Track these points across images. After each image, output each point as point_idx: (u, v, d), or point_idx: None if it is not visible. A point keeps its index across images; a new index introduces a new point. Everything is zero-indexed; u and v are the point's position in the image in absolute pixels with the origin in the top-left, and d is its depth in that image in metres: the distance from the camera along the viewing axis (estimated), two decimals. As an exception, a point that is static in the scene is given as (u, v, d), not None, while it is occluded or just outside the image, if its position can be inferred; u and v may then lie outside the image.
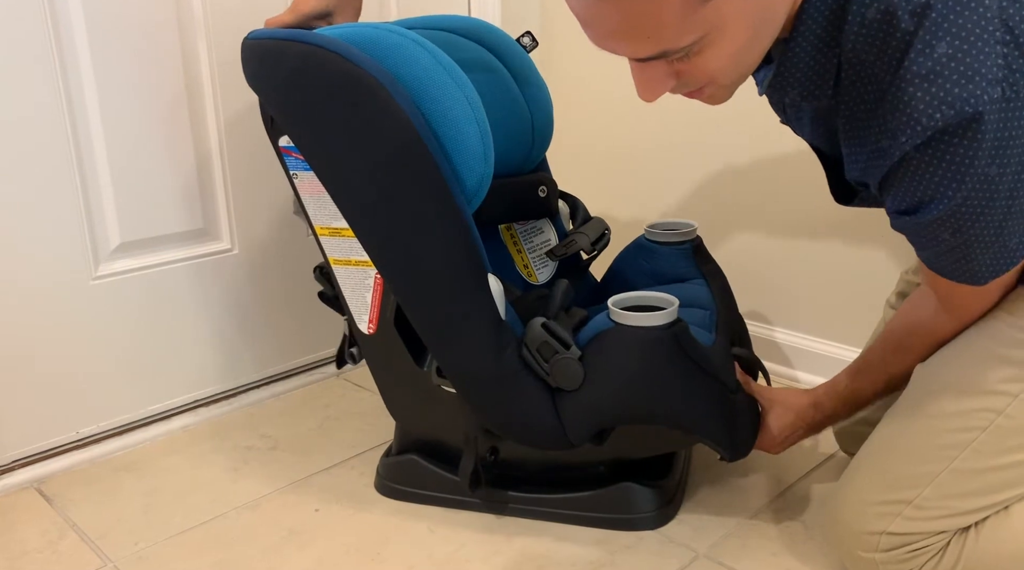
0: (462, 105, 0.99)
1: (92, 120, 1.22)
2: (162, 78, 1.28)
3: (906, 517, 0.89)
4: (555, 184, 1.28)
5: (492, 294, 1.01)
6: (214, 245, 1.40)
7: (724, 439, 1.01)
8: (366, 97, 0.96)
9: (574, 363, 0.98)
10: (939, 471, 0.88)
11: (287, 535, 1.11)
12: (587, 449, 1.05)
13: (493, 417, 1.03)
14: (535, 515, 1.13)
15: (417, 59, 0.99)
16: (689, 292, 1.19)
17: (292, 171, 1.07)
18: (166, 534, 1.11)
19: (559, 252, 1.24)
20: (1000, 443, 0.86)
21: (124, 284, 1.30)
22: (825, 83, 0.79)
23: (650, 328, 0.96)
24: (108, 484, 1.23)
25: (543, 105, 1.24)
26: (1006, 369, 0.86)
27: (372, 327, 1.09)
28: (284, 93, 1.02)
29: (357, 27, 1.03)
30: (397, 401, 1.16)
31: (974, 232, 0.76)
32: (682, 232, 1.24)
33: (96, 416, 1.31)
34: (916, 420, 0.91)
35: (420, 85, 0.98)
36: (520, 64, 1.22)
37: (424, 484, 1.16)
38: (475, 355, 1.01)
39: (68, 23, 1.17)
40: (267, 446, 1.33)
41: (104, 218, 1.26)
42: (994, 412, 0.86)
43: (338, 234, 1.06)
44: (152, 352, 1.35)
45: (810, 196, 1.43)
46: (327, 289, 1.19)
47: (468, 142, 0.99)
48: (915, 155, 0.73)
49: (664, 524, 1.11)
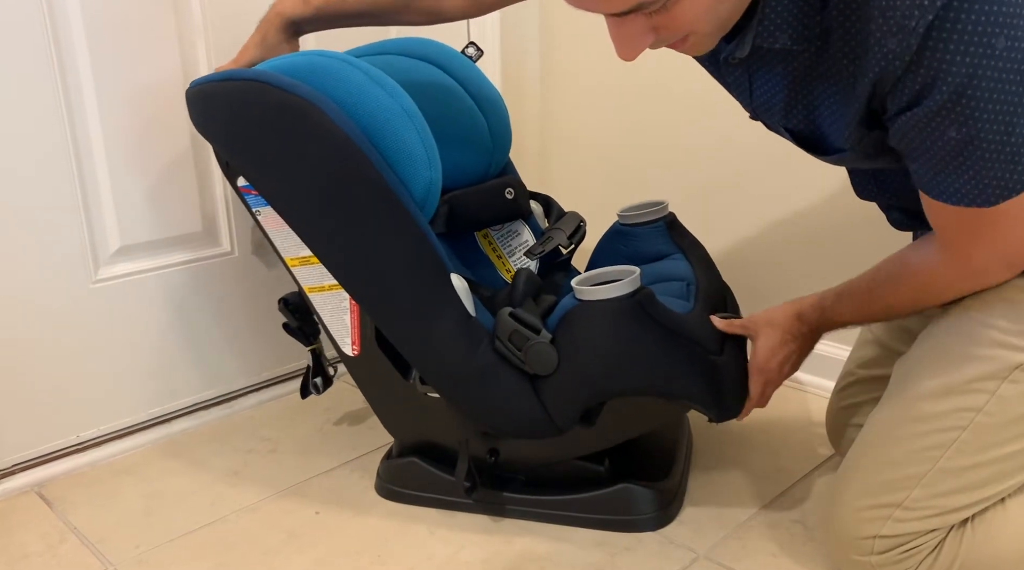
0: (399, 115, 1.02)
1: (91, 124, 1.22)
2: (161, 81, 1.28)
3: (896, 519, 0.90)
4: (523, 185, 1.30)
5: (458, 294, 1.02)
6: (214, 248, 1.40)
7: (708, 400, 1.00)
8: (303, 121, 0.99)
9: (546, 347, 0.99)
10: (925, 472, 0.89)
11: (287, 538, 1.11)
12: (582, 438, 1.05)
13: (478, 414, 1.04)
14: (536, 517, 1.13)
15: (349, 77, 1.02)
16: (668, 267, 1.19)
17: (254, 209, 1.09)
18: (166, 537, 1.12)
19: (537, 251, 1.25)
20: (982, 440, 0.87)
21: (124, 288, 1.30)
22: (811, 20, 0.77)
23: (613, 299, 0.97)
24: (108, 487, 1.23)
25: (497, 109, 1.27)
26: (982, 367, 0.87)
27: (356, 348, 1.10)
28: (227, 132, 1.05)
29: (289, 57, 1.07)
30: (390, 416, 1.18)
31: (983, 123, 0.73)
32: (654, 210, 1.24)
33: (96, 419, 1.31)
34: (899, 424, 0.91)
35: (355, 102, 1.01)
36: (468, 74, 1.26)
37: (425, 486, 1.16)
38: (449, 355, 1.02)
39: (67, 27, 1.17)
40: (267, 449, 1.33)
41: (103, 222, 1.27)
42: (973, 410, 0.87)
43: (308, 262, 1.07)
44: (152, 355, 1.35)
45: (806, 193, 1.43)
46: (290, 320, 1.24)
47: (410, 150, 1.02)
48: (918, 40, 0.70)
49: (665, 525, 1.11)
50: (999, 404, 0.86)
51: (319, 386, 1.31)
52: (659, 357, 0.98)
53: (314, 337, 1.28)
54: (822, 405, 1.27)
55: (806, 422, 1.38)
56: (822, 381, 1.46)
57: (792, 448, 1.30)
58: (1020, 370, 0.85)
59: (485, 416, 1.04)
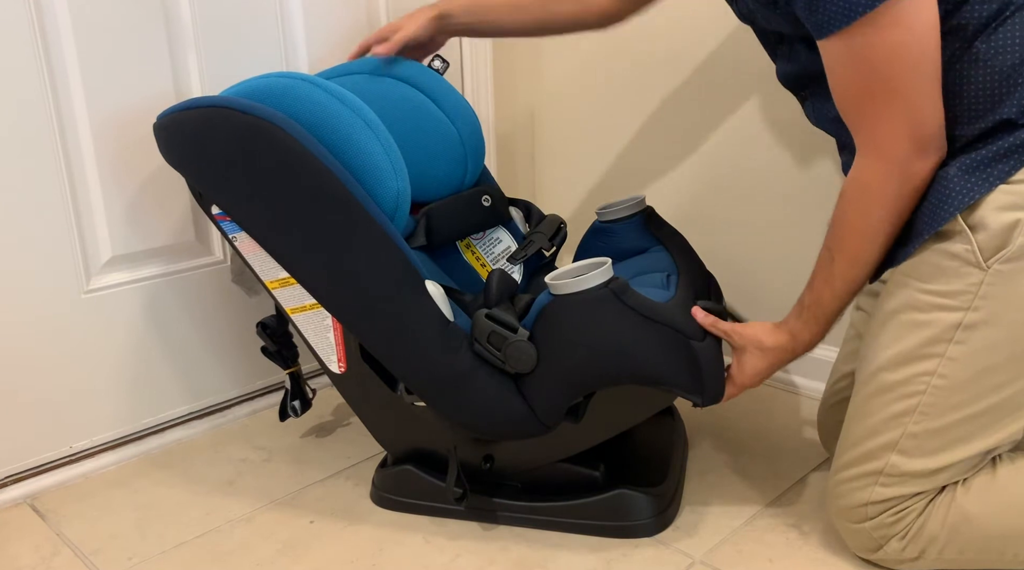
0: (361, 129, 1.04)
1: (82, 132, 1.22)
2: (151, 91, 1.28)
3: (881, 485, 0.96)
4: (500, 192, 1.31)
5: (434, 300, 1.02)
6: (206, 257, 1.40)
7: (691, 385, 1.00)
8: (267, 143, 1.00)
9: (524, 345, 0.99)
10: (898, 438, 0.95)
11: (282, 548, 1.11)
12: (572, 435, 1.06)
13: (464, 418, 1.04)
14: (532, 524, 1.13)
15: (309, 95, 1.04)
16: (649, 260, 1.20)
17: (230, 235, 1.09)
18: (160, 549, 1.11)
19: (519, 255, 1.27)
20: (944, 402, 0.92)
21: (116, 297, 1.30)
22: None
23: (587, 290, 0.97)
24: (102, 499, 1.23)
25: (468, 119, 1.28)
26: (926, 332, 0.91)
27: (342, 366, 1.10)
28: (195, 159, 1.06)
29: (250, 80, 1.08)
30: (381, 430, 1.17)
31: None
32: (631, 205, 1.25)
33: (89, 430, 1.31)
34: (870, 397, 0.97)
35: (317, 119, 1.03)
36: (436, 87, 1.27)
37: (420, 494, 1.16)
38: (430, 362, 1.02)
39: (56, 36, 1.17)
40: (261, 458, 1.33)
41: (95, 231, 1.26)
42: (928, 375, 0.92)
43: (287, 284, 1.08)
44: (145, 365, 1.35)
45: (794, 193, 1.44)
46: (268, 344, 1.26)
47: (374, 161, 1.04)
48: None
49: (662, 530, 1.11)
50: (950, 366, 0.91)
51: (297, 409, 1.31)
52: (637, 345, 0.98)
53: (292, 360, 1.29)
54: (815, 408, 1.27)
55: (800, 425, 1.38)
56: (816, 384, 1.46)
57: (787, 451, 1.30)
58: (960, 329, 0.89)
59: (471, 420, 1.04)
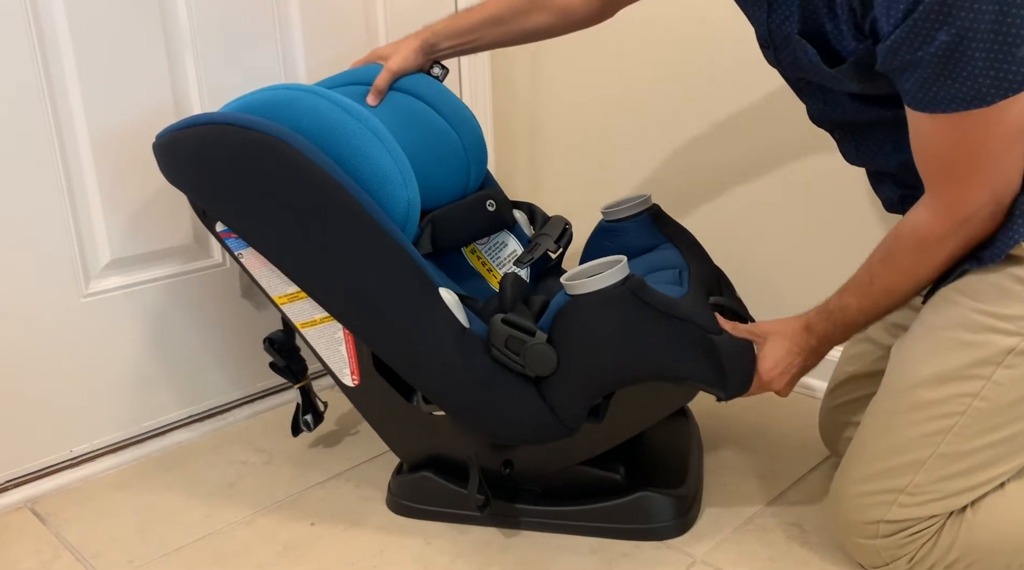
0: (367, 138, 1.02)
1: (80, 136, 1.22)
2: (149, 95, 1.28)
3: (901, 504, 0.94)
4: (504, 196, 1.30)
5: (449, 307, 1.01)
6: (205, 260, 1.40)
7: (713, 378, 0.99)
8: (272, 158, 0.99)
9: (543, 347, 0.98)
10: (927, 457, 0.92)
11: (282, 550, 1.11)
12: (594, 436, 1.04)
13: (484, 425, 1.03)
14: (554, 528, 1.11)
15: (313, 107, 1.02)
16: (658, 258, 1.19)
17: (236, 252, 1.08)
18: (160, 552, 1.11)
19: (526, 259, 1.25)
20: (980, 424, 0.90)
21: (115, 301, 1.30)
22: None
23: (603, 289, 0.96)
24: (102, 502, 1.23)
25: (469, 125, 1.27)
26: (975, 353, 0.89)
27: (356, 378, 1.10)
28: (198, 179, 1.05)
29: (251, 94, 1.06)
30: (399, 442, 1.16)
31: (972, 17, 0.74)
32: (637, 204, 1.24)
33: (89, 434, 1.31)
34: (899, 413, 0.94)
35: (321, 130, 1.01)
36: (436, 94, 1.26)
37: (440, 501, 1.14)
38: (448, 370, 1.01)
39: (55, 41, 1.17)
40: (262, 460, 1.33)
41: (94, 235, 1.26)
42: (970, 396, 0.90)
43: (296, 298, 1.07)
44: (145, 368, 1.35)
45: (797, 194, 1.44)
46: (277, 360, 1.25)
47: (382, 170, 1.02)
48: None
49: (684, 533, 1.10)
50: (995, 389, 0.89)
51: (310, 423, 1.30)
52: (657, 341, 0.97)
53: (302, 375, 1.28)
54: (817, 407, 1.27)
55: (801, 425, 1.38)
56: (817, 383, 1.46)
57: (787, 451, 1.30)
58: (1013, 355, 0.88)
59: (492, 426, 1.03)
